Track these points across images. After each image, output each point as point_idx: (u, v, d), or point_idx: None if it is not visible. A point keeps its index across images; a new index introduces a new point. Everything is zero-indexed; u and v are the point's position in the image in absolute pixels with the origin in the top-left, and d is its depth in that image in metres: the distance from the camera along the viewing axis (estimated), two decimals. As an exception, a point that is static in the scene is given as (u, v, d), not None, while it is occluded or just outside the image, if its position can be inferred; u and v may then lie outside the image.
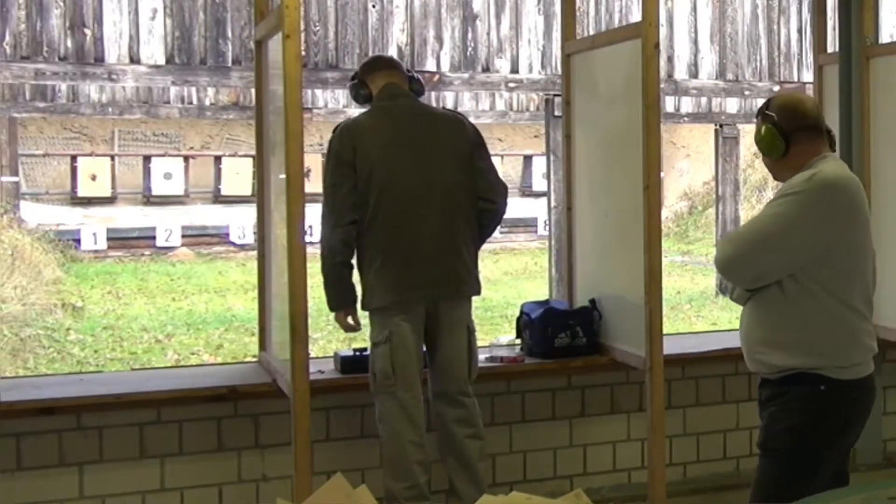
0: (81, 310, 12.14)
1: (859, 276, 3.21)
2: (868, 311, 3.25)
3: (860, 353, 3.20)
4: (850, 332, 3.19)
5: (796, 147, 3.26)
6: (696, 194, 22.39)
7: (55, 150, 20.90)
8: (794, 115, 3.28)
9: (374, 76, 4.29)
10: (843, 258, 3.16)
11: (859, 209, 3.22)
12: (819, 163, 3.22)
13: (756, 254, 3.16)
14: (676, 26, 12.78)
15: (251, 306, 10.06)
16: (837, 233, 3.15)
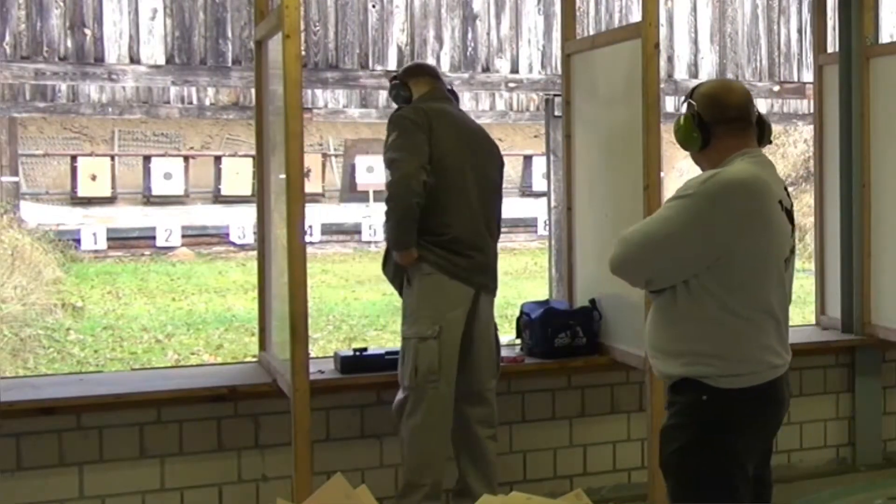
0: (81, 310, 12.13)
1: (758, 285, 2.93)
2: (769, 322, 2.97)
3: (750, 364, 2.94)
4: (740, 343, 2.93)
5: (717, 141, 3.01)
6: (696, 194, 22.36)
7: (55, 150, 20.91)
8: (716, 105, 3.02)
9: (419, 81, 4.34)
10: (737, 267, 2.89)
11: (759, 214, 2.91)
12: (735, 160, 2.97)
13: (643, 257, 2.97)
14: (676, 26, 12.77)
15: (251, 306, 10.06)
16: (730, 240, 2.87)
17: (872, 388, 5.38)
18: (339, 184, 20.78)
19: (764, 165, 3.03)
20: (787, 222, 3.00)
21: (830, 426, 5.35)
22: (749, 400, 2.94)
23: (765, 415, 3.01)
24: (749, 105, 3.05)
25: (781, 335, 3.04)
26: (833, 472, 5.25)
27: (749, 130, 3.04)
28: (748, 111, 3.04)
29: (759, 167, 2.99)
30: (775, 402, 3.03)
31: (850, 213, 5.33)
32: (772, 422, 3.06)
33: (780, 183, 3.06)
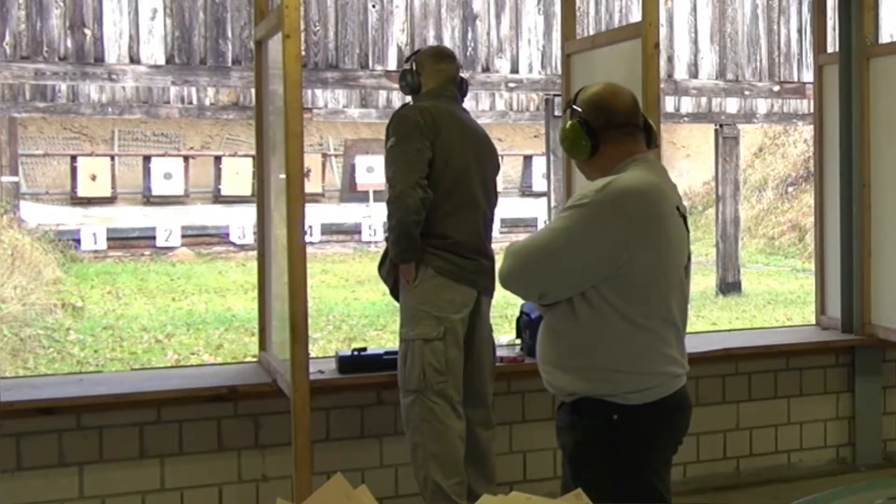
0: (81, 310, 12.13)
1: (658, 294, 2.81)
2: (670, 332, 2.84)
3: (653, 378, 2.81)
4: (643, 355, 2.80)
5: (606, 147, 2.88)
6: (696, 194, 22.39)
7: (55, 150, 20.91)
8: (604, 110, 2.90)
9: (434, 71, 4.25)
10: (637, 276, 2.76)
11: (657, 221, 2.79)
12: (629, 166, 2.85)
13: (536, 270, 2.79)
14: (676, 26, 12.78)
15: (251, 306, 10.06)
16: (629, 249, 2.74)
17: (872, 388, 5.38)
18: (339, 184, 20.79)
19: (658, 171, 2.93)
20: (684, 228, 2.90)
21: (830, 426, 5.36)
22: (659, 414, 2.82)
23: (673, 427, 2.90)
24: (636, 109, 2.96)
25: (682, 344, 2.92)
26: (833, 472, 5.25)
27: (638, 135, 2.93)
28: (636, 115, 2.94)
29: (654, 173, 2.89)
30: (682, 412, 2.92)
31: (850, 213, 5.33)
32: (679, 433, 2.94)
33: (674, 188, 2.95)
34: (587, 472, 2.81)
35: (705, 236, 19.82)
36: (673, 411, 2.86)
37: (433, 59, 4.29)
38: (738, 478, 5.14)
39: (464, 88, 4.35)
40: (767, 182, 20.66)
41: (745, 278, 14.63)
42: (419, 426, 4.05)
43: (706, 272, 16.03)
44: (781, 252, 18.44)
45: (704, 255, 18.27)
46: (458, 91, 4.30)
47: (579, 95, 2.97)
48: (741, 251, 14.93)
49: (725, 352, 5.09)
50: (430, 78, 4.23)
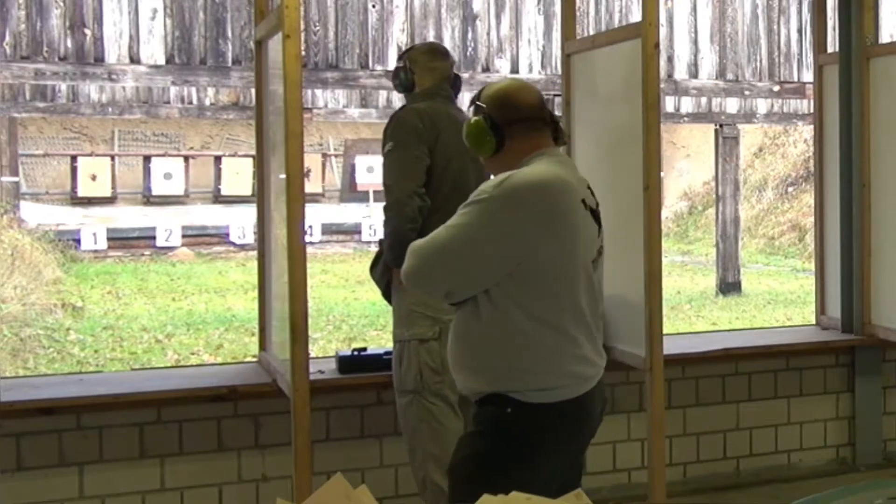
0: (81, 310, 12.13)
1: (565, 290, 2.74)
2: (580, 330, 2.77)
3: (561, 378, 2.74)
4: (550, 355, 2.73)
5: (511, 143, 2.83)
6: (696, 194, 22.40)
7: (55, 150, 20.92)
8: (508, 105, 2.85)
9: (429, 69, 4.19)
10: (542, 272, 2.71)
11: (561, 215, 2.72)
12: (533, 160, 2.80)
13: (438, 268, 2.75)
14: (676, 26, 12.78)
15: (251, 306, 10.06)
16: (531, 244, 2.68)
17: (872, 388, 5.38)
18: (339, 184, 20.79)
19: (564, 164, 2.89)
20: (593, 222, 2.85)
21: (830, 426, 5.36)
22: (558, 415, 2.74)
23: (575, 431, 2.81)
24: (542, 104, 2.90)
25: (595, 342, 2.85)
26: (833, 472, 5.25)
27: (544, 130, 2.88)
28: (542, 110, 2.89)
29: (560, 166, 2.83)
30: (586, 417, 2.83)
31: (850, 213, 5.33)
32: (583, 437, 2.86)
33: (583, 182, 2.90)
34: (465, 452, 2.82)
35: (705, 236, 19.83)
36: (576, 415, 2.78)
37: (427, 56, 4.26)
38: (738, 478, 5.14)
39: (457, 85, 4.32)
40: (767, 182, 20.66)
41: (745, 278, 14.64)
42: (417, 427, 4.04)
43: (706, 272, 16.04)
44: (781, 252, 18.44)
45: (704, 255, 18.28)
46: (452, 88, 4.28)
47: (483, 91, 2.93)
48: (741, 251, 14.94)
49: (725, 352, 5.08)
50: (424, 76, 4.20)
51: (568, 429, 2.78)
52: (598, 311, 2.87)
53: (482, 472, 2.72)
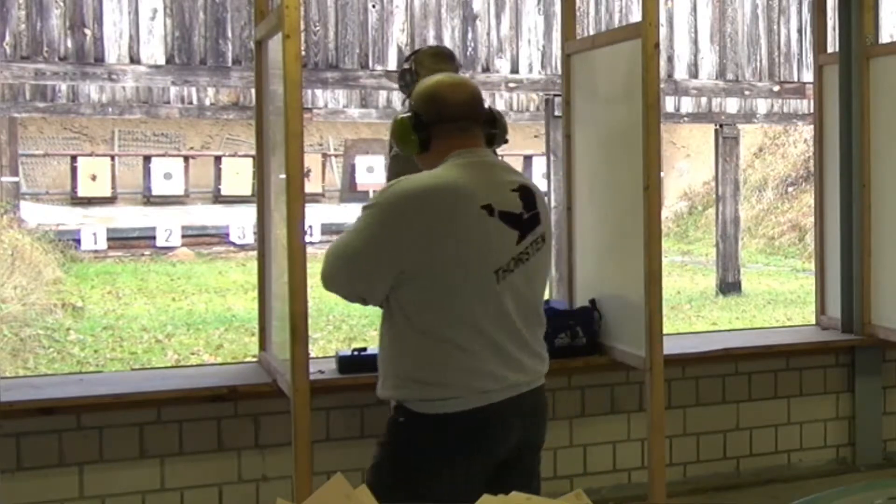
0: (81, 310, 12.14)
1: (455, 302, 2.63)
2: (477, 343, 2.65)
3: (445, 389, 2.64)
4: (434, 366, 2.65)
5: (437, 142, 2.73)
6: (696, 194, 22.41)
7: (55, 150, 20.93)
8: (435, 103, 2.74)
9: (438, 68, 4.10)
10: (426, 282, 2.62)
11: (446, 223, 2.61)
12: (446, 162, 2.71)
13: (343, 272, 2.72)
14: (676, 26, 12.78)
15: (251, 306, 10.06)
16: (412, 253, 2.60)
17: (872, 388, 5.38)
18: (339, 184, 20.80)
19: (473, 167, 2.71)
20: (508, 228, 2.68)
21: (830, 426, 5.36)
22: (446, 427, 2.65)
23: (471, 444, 2.67)
24: (474, 103, 2.79)
25: (507, 355, 2.70)
26: (833, 472, 5.25)
27: (473, 131, 2.77)
28: (472, 109, 2.78)
29: (463, 169, 2.69)
30: (489, 430, 2.68)
31: (850, 213, 5.33)
32: (487, 451, 2.69)
33: (497, 185, 2.71)
34: (371, 461, 2.78)
35: (705, 236, 19.84)
36: (474, 426, 2.67)
37: (432, 59, 4.26)
38: (738, 478, 5.14)
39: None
40: (767, 182, 20.67)
41: (745, 278, 14.65)
42: None
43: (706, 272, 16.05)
44: (781, 252, 18.44)
45: (704, 255, 18.29)
46: None
47: (415, 88, 2.86)
48: (741, 251, 14.94)
49: (725, 352, 5.08)
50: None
51: (460, 441, 2.66)
52: (510, 325, 2.70)
53: (379, 480, 2.67)
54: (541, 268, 2.80)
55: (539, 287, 2.83)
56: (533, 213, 2.75)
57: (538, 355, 2.82)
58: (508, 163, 2.90)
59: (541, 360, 2.83)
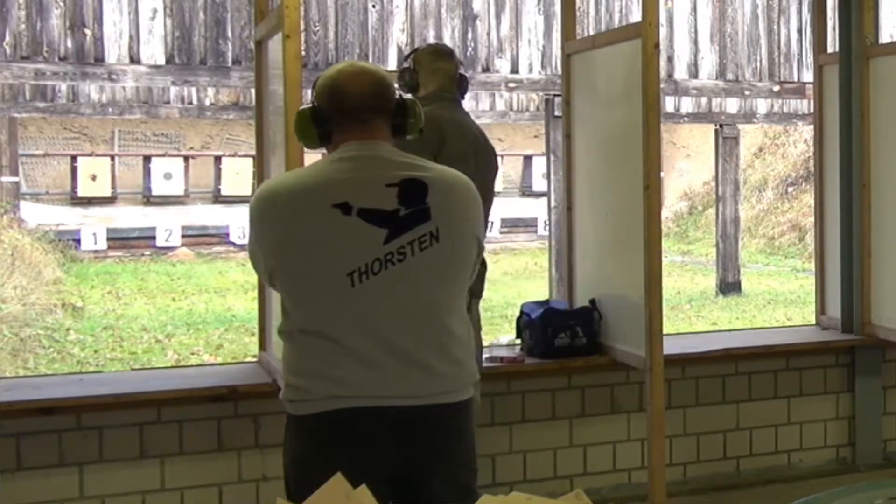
0: (81, 310, 12.14)
1: (305, 304, 2.55)
2: (324, 347, 2.54)
3: (303, 392, 2.61)
4: (296, 368, 2.64)
5: (336, 135, 2.62)
6: (696, 194, 22.41)
7: (55, 150, 20.91)
8: (333, 94, 2.61)
9: (434, 72, 4.17)
10: (284, 284, 2.58)
11: (293, 224, 2.51)
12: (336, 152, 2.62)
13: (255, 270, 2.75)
14: (676, 26, 12.78)
15: (251, 306, 10.06)
16: (268, 256, 2.57)
17: (872, 388, 5.38)
18: (339, 184, 20.75)
19: (348, 161, 2.57)
20: (368, 227, 2.50)
21: (830, 426, 5.36)
22: (305, 429, 2.63)
23: (332, 447, 2.55)
24: (377, 92, 2.62)
25: (368, 363, 2.51)
26: (833, 472, 5.25)
27: (374, 122, 2.60)
28: (374, 100, 2.61)
29: (333, 164, 2.58)
30: (350, 436, 2.54)
31: (850, 213, 5.34)
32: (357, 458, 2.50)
33: (367, 181, 2.55)
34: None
35: (705, 236, 19.84)
36: (330, 430, 2.56)
37: (431, 57, 4.26)
38: (738, 478, 5.14)
39: (464, 86, 4.30)
40: (767, 182, 20.66)
41: (745, 278, 14.65)
42: None
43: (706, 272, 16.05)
44: (781, 252, 18.45)
45: (704, 255, 18.29)
46: (457, 90, 4.27)
47: (318, 78, 2.71)
48: (741, 251, 14.94)
49: (725, 352, 5.09)
50: (429, 77, 4.19)
51: (314, 444, 2.61)
52: (375, 328, 2.51)
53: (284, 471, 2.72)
54: (435, 268, 2.54)
55: (435, 290, 2.56)
56: (417, 208, 2.53)
57: (429, 370, 2.54)
58: (409, 155, 2.65)
59: (435, 376, 2.54)
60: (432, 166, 2.67)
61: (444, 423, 2.57)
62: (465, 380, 2.61)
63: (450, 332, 2.57)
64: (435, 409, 2.54)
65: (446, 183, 2.62)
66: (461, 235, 2.60)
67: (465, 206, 2.63)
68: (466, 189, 2.66)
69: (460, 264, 2.61)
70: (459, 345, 2.59)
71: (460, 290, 2.63)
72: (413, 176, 2.57)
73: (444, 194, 2.58)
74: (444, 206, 2.56)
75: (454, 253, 2.58)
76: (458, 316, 2.61)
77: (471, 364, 2.64)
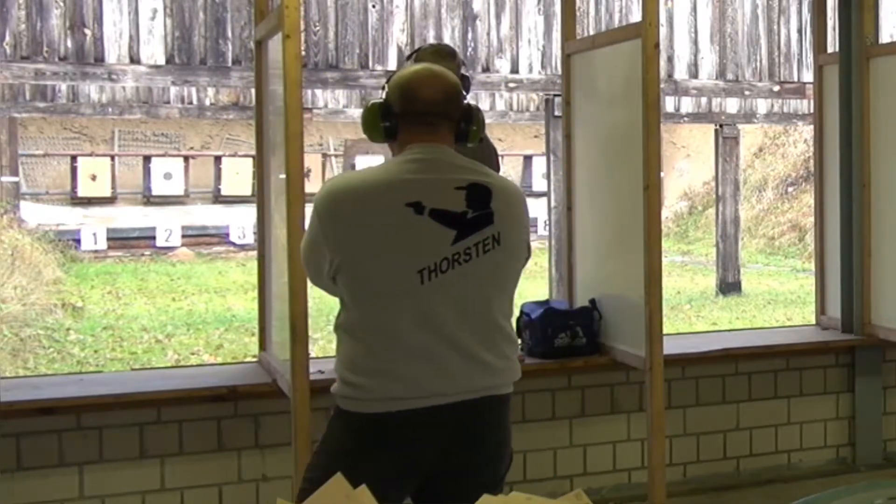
0: (81, 310, 12.14)
1: (369, 303, 2.61)
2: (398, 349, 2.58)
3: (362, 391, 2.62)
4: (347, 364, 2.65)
5: (402, 135, 2.70)
6: (696, 194, 22.41)
7: (55, 150, 20.92)
8: (405, 96, 2.69)
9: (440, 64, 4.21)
10: (350, 278, 2.61)
11: (366, 219, 2.58)
12: (405, 153, 2.69)
13: (306, 266, 2.79)
14: (676, 26, 12.78)
15: (251, 306, 10.07)
16: (335, 252, 2.61)
17: (872, 388, 5.38)
18: (339, 184, 20.75)
19: (419, 163, 2.66)
20: (438, 227, 2.59)
21: (830, 426, 5.36)
22: (357, 426, 2.62)
23: (381, 444, 2.59)
24: (447, 98, 2.70)
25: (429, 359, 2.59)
26: (833, 472, 5.25)
27: (440, 126, 2.69)
28: (443, 106, 2.69)
29: (406, 165, 2.66)
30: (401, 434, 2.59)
31: (850, 213, 5.34)
32: (402, 454, 2.58)
33: (438, 183, 2.64)
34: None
35: (705, 236, 19.84)
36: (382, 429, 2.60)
37: (433, 57, 4.26)
38: (738, 478, 5.14)
39: (465, 86, 4.31)
40: (767, 182, 20.67)
41: (745, 278, 14.65)
42: None
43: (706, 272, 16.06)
44: (781, 252, 18.45)
45: (704, 255, 18.29)
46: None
47: (391, 77, 2.83)
48: (741, 251, 14.94)
49: (725, 352, 5.08)
50: None
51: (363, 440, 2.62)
52: (440, 325, 2.59)
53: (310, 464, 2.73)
54: (494, 270, 2.66)
55: (492, 290, 2.67)
56: (482, 212, 2.65)
57: (484, 364, 2.65)
58: (473, 162, 2.75)
59: (488, 370, 2.65)
60: (491, 172, 2.78)
61: (489, 413, 2.69)
62: (514, 375, 2.75)
63: (503, 330, 2.71)
64: (485, 401, 2.67)
65: (506, 190, 2.75)
66: (518, 240, 2.74)
67: (520, 212, 2.78)
68: (521, 197, 2.82)
69: (514, 267, 2.75)
70: (510, 342, 2.73)
71: (512, 291, 2.77)
72: (477, 181, 2.69)
73: (505, 200, 2.70)
74: (505, 212, 2.69)
75: (512, 256, 2.72)
76: (509, 315, 2.76)
77: (517, 361, 2.77)
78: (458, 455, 2.64)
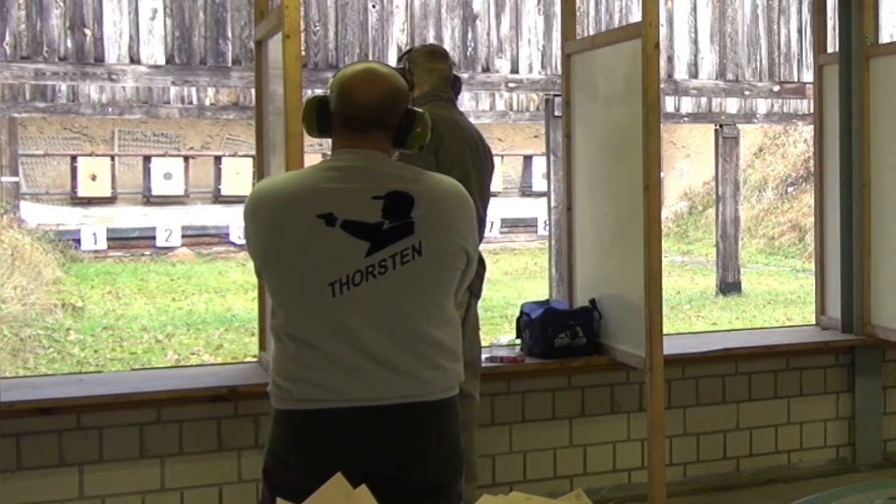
0: (81, 310, 12.14)
1: (286, 309, 2.56)
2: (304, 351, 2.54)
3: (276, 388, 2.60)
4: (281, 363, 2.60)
5: (335, 134, 2.63)
6: (696, 194, 22.40)
7: (55, 150, 20.90)
8: (342, 96, 2.59)
9: (428, 73, 4.18)
10: (270, 284, 2.61)
11: (278, 231, 2.54)
12: (333, 155, 2.63)
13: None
14: (676, 26, 12.78)
15: (251, 306, 10.06)
16: (256, 257, 2.61)
17: (872, 388, 5.38)
18: (339, 184, 20.75)
19: (339, 171, 2.58)
20: (351, 239, 2.51)
21: (830, 426, 5.36)
22: (286, 423, 2.59)
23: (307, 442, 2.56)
24: (383, 104, 2.59)
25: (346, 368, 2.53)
26: (833, 472, 5.26)
27: (371, 134, 2.59)
28: (377, 113, 2.58)
29: (325, 172, 2.59)
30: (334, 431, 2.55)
31: (850, 213, 5.34)
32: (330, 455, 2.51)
33: (354, 193, 2.55)
34: None
35: (705, 236, 19.84)
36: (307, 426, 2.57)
37: (426, 58, 4.27)
38: (738, 478, 5.14)
39: (457, 87, 4.32)
40: (767, 182, 20.66)
41: (745, 278, 14.64)
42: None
43: (706, 272, 16.05)
44: (781, 252, 18.44)
45: (704, 255, 18.29)
46: (451, 90, 4.28)
47: (338, 72, 2.70)
48: (741, 251, 14.94)
49: (725, 352, 5.09)
50: (424, 77, 4.20)
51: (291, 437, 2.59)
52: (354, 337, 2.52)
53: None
54: (415, 281, 2.55)
55: (414, 302, 2.56)
56: (401, 222, 2.54)
57: (406, 373, 2.55)
58: (402, 166, 2.64)
59: (411, 379, 2.55)
60: (424, 177, 2.64)
61: (424, 420, 2.59)
62: (447, 382, 2.62)
63: (431, 340, 2.58)
64: (412, 406, 2.56)
65: (435, 195, 2.61)
66: (446, 249, 2.60)
67: (452, 218, 2.62)
68: (458, 200, 2.65)
69: (443, 277, 2.61)
70: (441, 350, 2.60)
71: (444, 299, 2.62)
72: (399, 189, 2.56)
73: (430, 208, 2.57)
74: (429, 220, 2.56)
75: (437, 267, 2.58)
76: (440, 324, 2.61)
77: (454, 367, 2.64)
78: (390, 456, 2.57)
